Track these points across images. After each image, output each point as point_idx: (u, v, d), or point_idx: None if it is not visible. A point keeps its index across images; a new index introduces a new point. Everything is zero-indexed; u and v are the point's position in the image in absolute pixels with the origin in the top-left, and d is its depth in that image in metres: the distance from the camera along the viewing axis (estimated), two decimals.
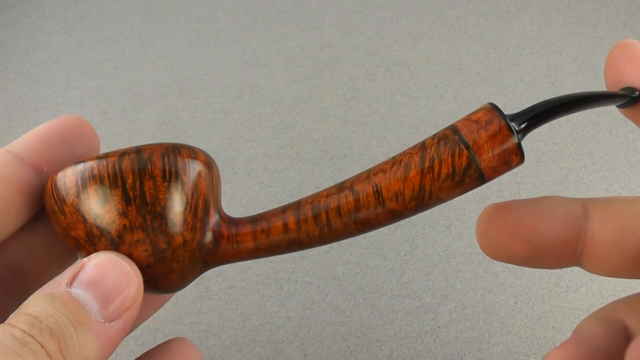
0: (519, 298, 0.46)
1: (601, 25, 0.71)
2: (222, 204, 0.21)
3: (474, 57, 0.67)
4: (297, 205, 0.20)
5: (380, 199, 0.19)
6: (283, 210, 0.20)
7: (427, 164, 0.19)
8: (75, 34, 0.70)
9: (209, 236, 0.20)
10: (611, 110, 0.60)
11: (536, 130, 0.66)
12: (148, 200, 0.18)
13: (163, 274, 0.19)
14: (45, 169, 0.20)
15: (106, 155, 0.18)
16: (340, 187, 0.20)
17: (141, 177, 0.18)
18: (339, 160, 0.56)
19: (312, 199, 0.20)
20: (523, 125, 0.18)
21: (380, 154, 0.56)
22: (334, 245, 0.49)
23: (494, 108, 0.19)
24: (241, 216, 0.22)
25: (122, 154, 0.18)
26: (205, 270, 0.21)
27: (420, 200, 0.19)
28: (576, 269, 0.48)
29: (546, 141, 0.57)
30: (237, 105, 0.61)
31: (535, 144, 0.57)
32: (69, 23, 0.72)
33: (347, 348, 0.43)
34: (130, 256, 0.18)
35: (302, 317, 0.44)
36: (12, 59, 0.67)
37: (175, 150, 0.19)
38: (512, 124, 0.18)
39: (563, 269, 0.47)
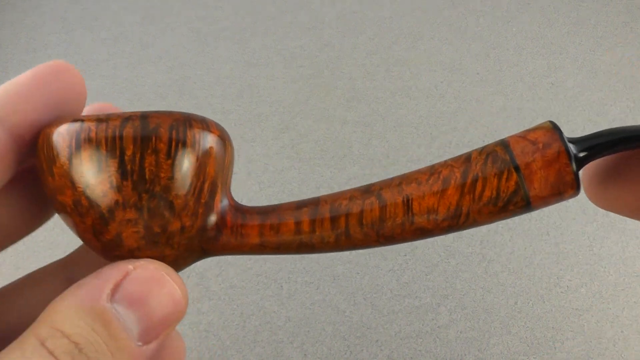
0: (519, 298, 0.46)
1: (601, 25, 0.71)
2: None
3: (474, 57, 0.67)
4: (315, 203, 0.18)
5: (410, 213, 0.17)
6: (299, 206, 0.18)
7: (469, 182, 0.17)
8: (75, 34, 0.70)
9: (211, 224, 0.18)
10: (611, 111, 0.60)
11: None
12: (147, 177, 0.16)
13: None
14: (22, 130, 0.17)
15: (107, 118, 0.16)
16: (367, 191, 0.18)
17: (143, 149, 0.16)
18: (339, 160, 0.56)
19: (333, 199, 0.18)
20: (583, 154, 0.16)
21: (380, 154, 0.56)
22: None
23: (554, 129, 0.16)
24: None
25: (126, 118, 0.16)
26: (202, 259, 0.19)
27: (455, 221, 0.17)
28: (576, 268, 0.48)
29: None
30: (237, 105, 0.61)
31: None
32: (69, 23, 0.72)
33: (347, 348, 0.43)
34: (118, 235, 0.17)
35: (302, 317, 0.44)
36: (12, 59, 0.67)
37: (186, 123, 0.17)
38: (572, 149, 0.16)
39: (563, 269, 0.47)
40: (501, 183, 0.16)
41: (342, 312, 0.45)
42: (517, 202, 0.16)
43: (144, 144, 0.16)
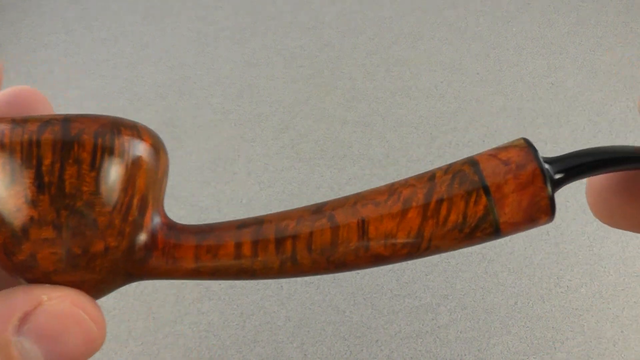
0: (519, 298, 0.46)
1: (601, 25, 0.71)
2: (222, 205, 0.17)
3: (474, 57, 0.67)
4: (259, 222, 0.16)
5: (365, 238, 0.15)
6: (240, 226, 0.16)
7: (432, 205, 0.15)
8: (75, 34, 0.70)
9: (139, 244, 0.15)
10: (611, 111, 0.60)
11: (536, 129, 0.66)
12: (67, 191, 0.14)
13: (71, 284, 0.15)
14: None
15: (25, 120, 0.14)
16: (317, 211, 0.16)
17: (63, 159, 0.14)
18: (339, 160, 0.56)
19: (279, 219, 0.16)
20: (559, 176, 0.15)
21: (380, 154, 0.56)
22: None
23: (529, 147, 0.15)
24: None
25: (46, 122, 0.14)
26: (128, 283, 0.16)
27: (415, 248, 0.15)
28: (576, 268, 0.48)
29: (546, 141, 0.57)
30: (237, 105, 0.61)
31: (536, 144, 0.57)
32: (69, 23, 0.72)
33: (347, 348, 0.43)
34: (32, 256, 0.14)
35: (302, 317, 0.44)
36: (12, 59, 0.67)
37: (114, 129, 0.15)
38: (547, 170, 0.15)
39: (563, 269, 0.47)
40: (469, 207, 0.15)
41: (342, 312, 0.45)
42: (485, 228, 0.15)
43: (65, 153, 0.14)
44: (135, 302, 0.46)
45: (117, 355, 0.43)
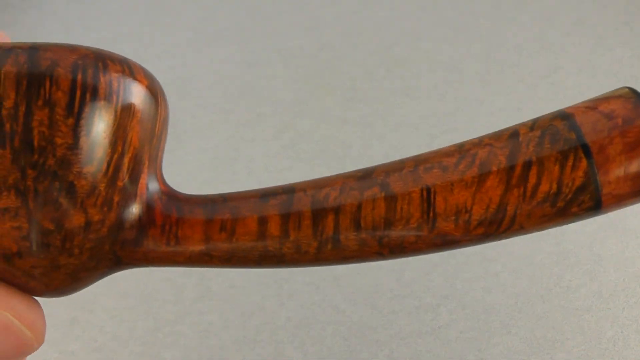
0: (519, 298, 0.46)
1: (601, 25, 0.71)
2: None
3: (474, 57, 0.67)
4: (290, 191, 0.13)
5: (431, 212, 0.11)
6: (264, 195, 0.13)
7: (518, 170, 0.11)
8: (75, 34, 0.70)
9: (131, 219, 0.12)
10: None
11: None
12: (35, 143, 0.10)
13: (42, 271, 0.12)
14: None
15: None
16: (366, 177, 0.12)
17: (30, 100, 0.10)
18: (339, 160, 0.56)
19: (315, 187, 0.13)
20: None
21: (380, 154, 0.56)
22: None
23: (637, 97, 0.12)
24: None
25: (7, 50, 0.11)
26: (116, 272, 0.13)
27: (494, 227, 0.12)
28: (576, 268, 0.48)
29: None
30: (237, 105, 0.61)
31: None
32: (69, 23, 0.72)
33: (347, 348, 0.43)
34: None
35: (302, 317, 0.44)
36: None
37: (98, 63, 0.12)
38: None
39: (563, 269, 0.47)
40: (564, 173, 0.11)
41: (342, 312, 0.45)
42: (584, 202, 0.12)
43: (32, 91, 0.10)
44: (135, 302, 0.46)
45: (117, 355, 0.43)
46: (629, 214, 0.51)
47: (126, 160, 0.12)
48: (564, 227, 0.50)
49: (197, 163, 0.55)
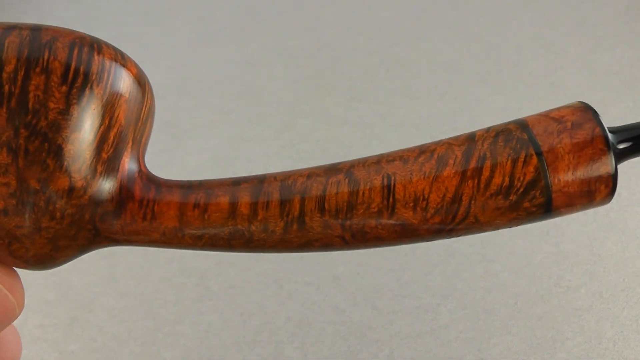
0: (519, 298, 0.46)
1: (601, 25, 0.71)
2: None
3: (474, 57, 0.67)
4: (261, 180, 0.13)
5: (391, 198, 0.13)
6: (236, 182, 0.13)
7: (473, 164, 0.12)
8: None
9: (111, 191, 0.13)
10: (611, 111, 0.60)
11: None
12: (30, 105, 0.11)
13: (23, 233, 0.12)
14: None
15: None
16: (332, 169, 0.14)
17: (29, 66, 0.11)
18: (339, 160, 0.56)
19: (285, 175, 0.14)
20: (624, 145, 0.12)
21: None
22: None
23: (587, 108, 0.13)
24: None
25: (12, 26, 0.12)
26: (91, 250, 0.14)
27: (449, 217, 0.12)
28: (576, 268, 0.48)
29: None
30: (237, 105, 0.61)
31: None
32: (69, 23, 0.72)
33: (347, 348, 0.43)
34: None
35: (302, 317, 0.44)
36: None
37: (94, 44, 0.12)
38: (611, 138, 0.12)
39: (563, 269, 0.47)
40: (516, 167, 0.12)
41: (342, 312, 0.45)
42: (535, 197, 0.12)
43: (32, 59, 0.11)
44: (135, 302, 0.46)
45: (117, 355, 0.43)
46: (629, 214, 0.51)
47: (112, 134, 0.12)
48: (564, 227, 0.50)
49: (197, 163, 0.55)
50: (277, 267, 0.48)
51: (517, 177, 0.12)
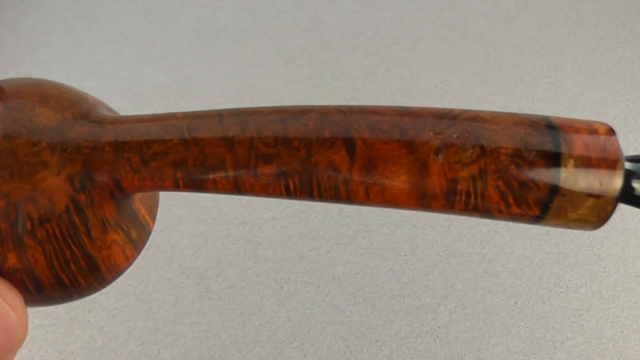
0: (519, 298, 0.46)
1: (601, 25, 0.71)
2: (222, 205, 0.13)
3: (474, 57, 0.67)
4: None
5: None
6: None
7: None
8: (75, 34, 0.70)
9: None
10: (611, 111, 0.60)
11: None
12: None
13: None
14: None
15: None
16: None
17: None
18: None
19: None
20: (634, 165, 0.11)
21: None
22: (334, 245, 0.49)
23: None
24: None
25: None
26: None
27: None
28: (576, 268, 0.48)
29: None
30: (237, 105, 0.61)
31: None
32: (69, 23, 0.72)
33: (347, 348, 0.43)
34: None
35: (302, 317, 0.44)
36: (12, 59, 0.67)
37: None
38: (627, 164, 0.12)
39: (563, 269, 0.47)
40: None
41: (342, 312, 0.45)
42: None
43: None
44: (135, 302, 0.46)
45: (117, 355, 0.43)
46: (629, 214, 0.51)
47: None
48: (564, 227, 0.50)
49: None
50: (277, 267, 0.48)
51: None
